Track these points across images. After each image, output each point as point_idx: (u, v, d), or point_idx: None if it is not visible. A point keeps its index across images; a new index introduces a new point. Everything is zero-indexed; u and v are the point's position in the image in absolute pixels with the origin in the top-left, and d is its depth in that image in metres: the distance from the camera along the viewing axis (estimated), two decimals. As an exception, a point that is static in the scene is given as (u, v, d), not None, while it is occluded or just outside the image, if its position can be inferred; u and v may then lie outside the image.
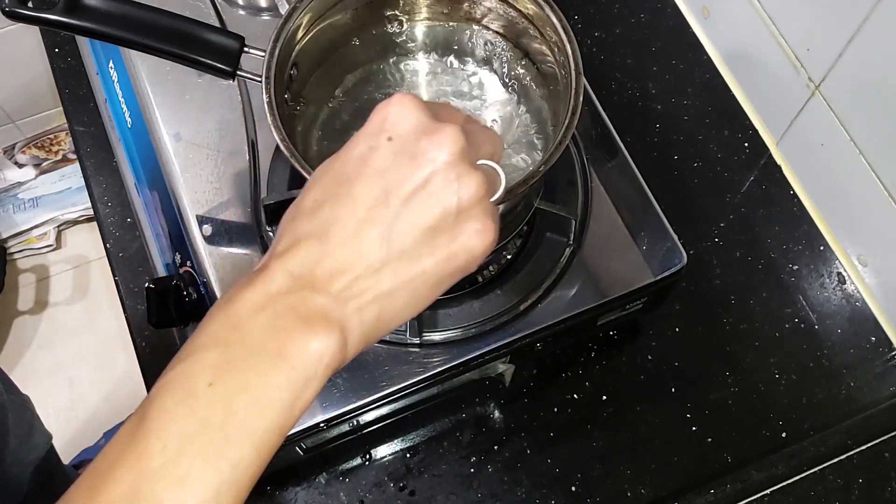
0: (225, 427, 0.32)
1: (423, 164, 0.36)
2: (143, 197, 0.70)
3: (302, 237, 0.36)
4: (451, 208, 0.36)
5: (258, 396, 0.33)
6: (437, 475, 0.68)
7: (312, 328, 0.34)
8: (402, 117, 0.37)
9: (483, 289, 0.62)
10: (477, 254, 0.37)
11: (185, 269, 0.64)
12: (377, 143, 0.36)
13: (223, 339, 0.34)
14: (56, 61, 0.85)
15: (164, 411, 0.33)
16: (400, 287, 0.36)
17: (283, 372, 0.33)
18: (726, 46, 0.83)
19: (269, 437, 0.33)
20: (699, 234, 0.77)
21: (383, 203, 0.35)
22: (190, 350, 0.34)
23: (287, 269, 0.35)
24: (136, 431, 0.33)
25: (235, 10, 0.72)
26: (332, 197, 0.36)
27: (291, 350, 0.34)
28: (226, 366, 0.33)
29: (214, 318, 0.35)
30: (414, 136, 0.36)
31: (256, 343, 0.34)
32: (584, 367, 0.72)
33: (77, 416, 1.45)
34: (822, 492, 0.67)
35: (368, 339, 0.37)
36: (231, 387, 0.33)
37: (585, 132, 0.67)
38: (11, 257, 1.57)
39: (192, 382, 0.33)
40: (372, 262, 0.35)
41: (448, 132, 0.36)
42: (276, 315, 0.34)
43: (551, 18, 0.54)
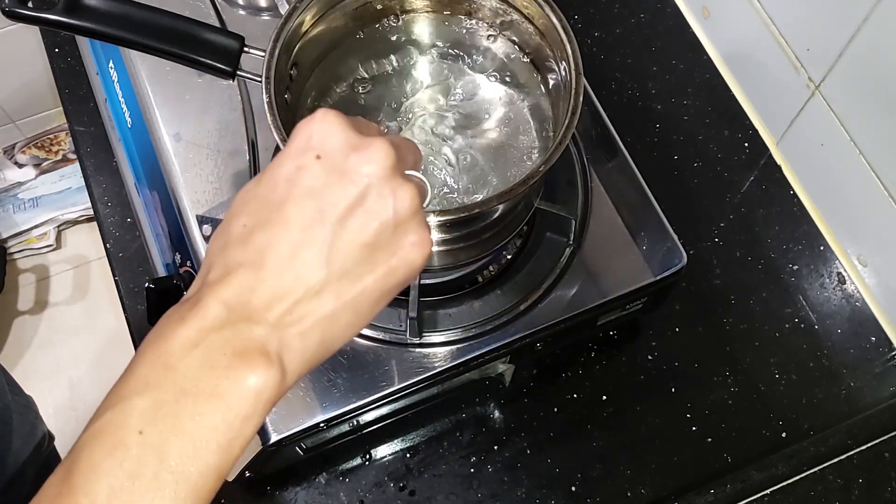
0: (157, 478, 0.31)
1: (355, 180, 0.35)
2: (143, 197, 0.70)
3: (234, 266, 0.34)
4: (389, 222, 0.35)
5: (193, 440, 0.32)
6: (437, 475, 0.68)
7: (249, 363, 0.33)
8: (328, 134, 0.36)
9: (483, 289, 0.62)
10: (416, 265, 0.37)
11: (185, 269, 0.64)
12: (304, 163, 0.35)
13: (154, 383, 0.32)
14: (56, 61, 0.85)
15: (92, 466, 0.31)
16: (342, 308, 0.35)
17: (219, 412, 0.32)
18: (726, 46, 0.83)
19: (205, 481, 0.32)
20: (699, 234, 0.77)
21: (318, 223, 0.34)
22: (119, 396, 0.33)
23: (221, 300, 0.34)
24: (62, 487, 0.31)
25: (235, 10, 0.72)
26: (262, 221, 0.35)
27: (227, 388, 0.32)
28: (157, 411, 0.32)
29: (144, 360, 0.33)
30: (343, 153, 0.35)
31: (189, 384, 0.32)
32: (584, 367, 0.72)
33: (77, 416, 1.45)
34: (822, 492, 0.67)
35: (310, 363, 0.35)
36: (163, 433, 0.31)
37: (585, 132, 0.67)
38: (11, 257, 1.57)
39: (122, 432, 0.31)
40: (312, 284, 0.34)
41: (377, 146, 0.35)
42: (211, 351, 0.33)
43: (551, 18, 0.54)
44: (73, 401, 1.47)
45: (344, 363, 0.59)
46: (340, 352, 0.60)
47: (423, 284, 0.61)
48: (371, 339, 0.60)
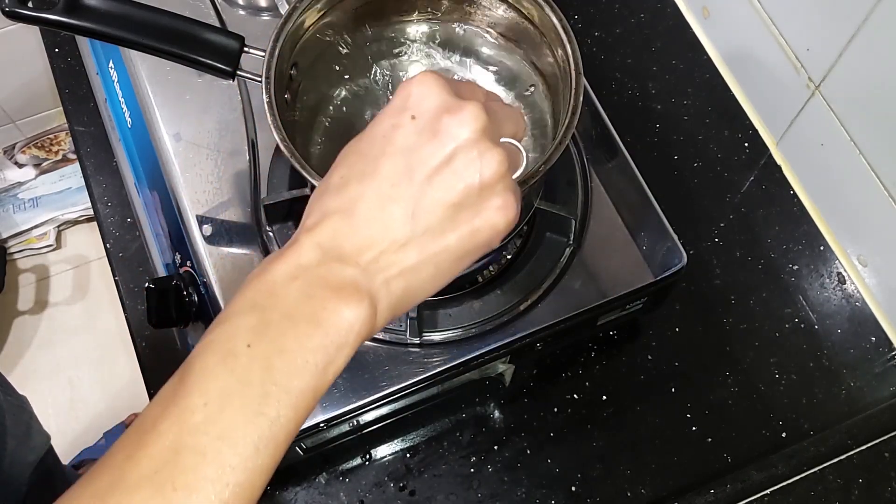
0: (263, 385, 0.34)
1: (445, 141, 0.37)
2: (143, 197, 0.70)
3: (329, 212, 0.37)
4: (474, 185, 0.37)
5: (294, 359, 0.34)
6: (437, 475, 0.68)
7: (343, 297, 0.35)
8: (424, 95, 0.38)
9: (483, 289, 0.62)
10: (500, 229, 0.38)
11: (185, 269, 0.64)
12: (400, 122, 0.37)
13: (260, 305, 0.35)
14: (56, 61, 0.85)
15: (205, 370, 0.34)
16: (425, 262, 0.37)
17: (317, 337, 0.35)
18: (726, 46, 0.83)
19: (304, 398, 0.35)
20: (699, 234, 0.77)
21: (408, 180, 0.36)
22: (228, 314, 0.35)
23: (316, 243, 0.36)
24: (178, 389, 0.34)
25: (235, 10, 0.72)
26: (357, 174, 0.37)
27: (324, 317, 0.35)
28: (263, 329, 0.34)
29: (250, 286, 0.36)
30: (436, 114, 0.37)
31: (291, 309, 0.35)
32: (584, 367, 0.72)
33: (77, 416, 1.45)
34: (822, 492, 0.67)
35: (396, 310, 0.38)
36: (268, 348, 0.34)
37: (585, 132, 0.67)
38: (11, 257, 1.57)
39: (232, 343, 0.34)
40: (397, 237, 0.36)
41: (470, 109, 0.37)
42: (309, 284, 0.35)
43: (551, 18, 0.54)
44: (73, 401, 1.47)
45: (344, 363, 0.59)
46: (340, 352, 0.59)
47: (423, 284, 0.61)
48: (371, 339, 0.60)
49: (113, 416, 1.40)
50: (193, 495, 0.32)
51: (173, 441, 0.33)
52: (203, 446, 0.33)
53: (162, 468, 0.32)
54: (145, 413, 0.35)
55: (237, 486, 0.33)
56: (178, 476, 0.32)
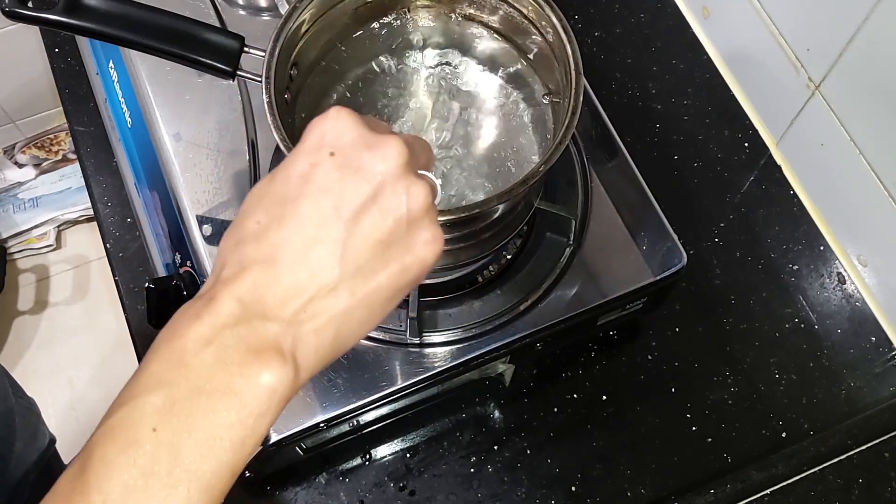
0: (171, 475, 0.31)
1: (369, 177, 0.35)
2: (143, 197, 0.70)
3: (248, 263, 0.34)
4: (403, 220, 0.35)
5: (206, 438, 0.32)
6: (437, 475, 0.68)
7: (263, 360, 0.33)
8: (341, 131, 0.36)
9: (483, 289, 0.62)
10: (429, 263, 0.37)
11: (185, 269, 0.64)
12: (318, 160, 0.35)
13: (167, 380, 0.32)
14: (56, 61, 0.85)
15: (106, 463, 0.31)
16: (356, 305, 0.35)
17: (233, 410, 0.32)
18: (726, 46, 0.83)
19: (218, 478, 0.32)
20: (699, 234, 0.77)
21: (333, 220, 0.34)
22: (132, 393, 0.33)
23: (235, 297, 0.33)
24: (76, 484, 0.31)
25: (235, 10, 0.72)
26: (276, 218, 0.35)
27: (241, 386, 0.32)
28: (170, 408, 0.32)
29: (158, 357, 0.33)
30: (356, 150, 0.35)
31: (203, 381, 0.32)
32: (584, 367, 0.72)
33: (77, 416, 1.45)
34: (822, 492, 0.67)
35: (324, 361, 0.35)
36: (176, 430, 0.31)
37: (585, 132, 0.67)
38: (11, 257, 1.57)
39: (135, 429, 0.31)
40: (326, 282, 0.34)
41: (392, 144, 0.36)
42: (225, 349, 0.33)
43: (551, 18, 0.54)
44: (73, 401, 1.47)
45: (344, 363, 0.59)
46: (340, 352, 0.60)
47: (423, 284, 0.61)
48: (371, 339, 0.60)
49: (113, 416, 1.40)
50: None
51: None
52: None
53: None
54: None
55: None
56: None
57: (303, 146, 0.36)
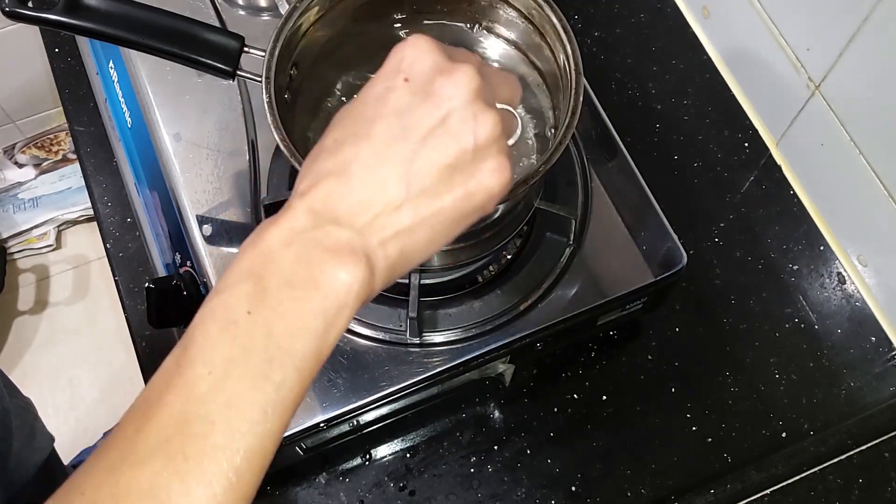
0: (266, 351, 0.34)
1: (439, 103, 0.37)
2: (143, 197, 0.70)
3: (323, 175, 0.37)
4: (468, 147, 0.37)
5: (294, 323, 0.34)
6: (437, 475, 0.68)
7: (340, 259, 0.35)
8: (417, 58, 0.38)
9: (483, 289, 0.62)
10: (494, 192, 0.38)
11: (185, 269, 0.64)
12: (394, 84, 0.37)
13: (257, 272, 0.35)
14: (56, 61, 0.85)
15: (207, 339, 0.34)
16: (420, 224, 0.37)
17: (316, 300, 0.35)
18: (726, 46, 0.83)
19: (307, 361, 0.35)
20: (699, 234, 0.77)
21: (401, 141, 0.36)
22: (226, 283, 0.35)
23: (310, 207, 0.36)
24: (181, 360, 0.34)
25: (235, 10, 0.72)
26: (351, 136, 0.37)
27: (322, 280, 0.35)
28: (262, 295, 0.34)
29: (245, 255, 0.36)
30: (430, 76, 0.37)
31: (288, 274, 0.35)
32: (584, 367, 0.72)
33: (77, 416, 1.45)
34: (822, 492, 0.67)
35: (393, 273, 0.37)
36: (268, 314, 0.34)
37: (585, 132, 0.67)
38: (11, 257, 1.57)
39: (232, 311, 0.34)
40: (391, 199, 0.36)
41: (463, 72, 0.37)
42: (304, 248, 0.35)
43: (551, 18, 0.54)
44: (73, 401, 1.47)
45: (344, 363, 0.59)
46: (340, 352, 0.60)
47: (423, 284, 0.61)
48: (371, 339, 0.60)
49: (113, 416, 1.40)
50: (205, 462, 0.32)
51: (181, 411, 0.33)
52: (211, 415, 0.33)
53: (172, 438, 0.32)
54: (150, 386, 0.35)
55: (248, 452, 0.33)
56: (188, 445, 0.32)
57: (382, 71, 0.38)
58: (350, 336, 0.60)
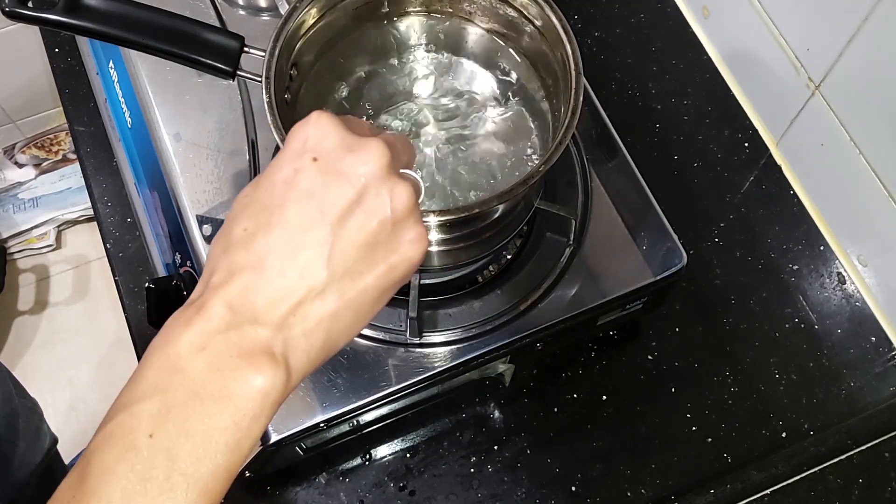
0: (169, 479, 0.32)
1: (352, 180, 0.36)
2: (143, 197, 0.70)
3: (237, 269, 0.35)
4: (387, 221, 0.36)
5: (202, 442, 0.32)
6: (437, 475, 0.68)
7: (255, 364, 0.33)
8: (323, 136, 0.36)
9: (483, 289, 0.62)
10: (415, 262, 0.37)
11: (185, 269, 0.64)
12: (301, 165, 0.36)
13: (162, 386, 0.33)
14: (56, 61, 0.85)
15: (105, 470, 0.32)
16: (344, 306, 0.36)
17: (227, 413, 0.33)
18: (726, 46, 0.83)
19: (216, 481, 0.33)
20: (699, 234, 0.77)
21: (318, 224, 0.35)
22: (129, 399, 0.33)
23: (225, 303, 0.34)
24: (76, 492, 0.32)
25: (235, 10, 0.72)
26: (263, 225, 0.35)
27: (235, 390, 0.33)
28: (166, 414, 0.32)
29: (151, 364, 0.34)
30: (339, 154, 0.36)
31: (197, 386, 0.33)
32: (584, 367, 0.72)
33: (77, 416, 1.45)
34: (822, 492, 0.67)
35: (315, 363, 0.36)
36: (172, 435, 0.32)
37: (585, 132, 0.67)
38: (11, 257, 1.57)
39: (132, 435, 0.32)
40: (314, 285, 0.35)
41: (373, 146, 0.36)
42: (217, 354, 0.33)
43: (551, 18, 0.54)
44: (74, 401, 1.47)
45: (344, 363, 0.59)
46: (340, 352, 0.59)
47: (423, 284, 0.61)
48: (371, 339, 0.60)
49: (113, 416, 1.40)
50: None
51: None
52: None
53: None
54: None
55: None
56: None
57: (285, 152, 0.37)
58: (350, 336, 0.60)
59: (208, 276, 0.36)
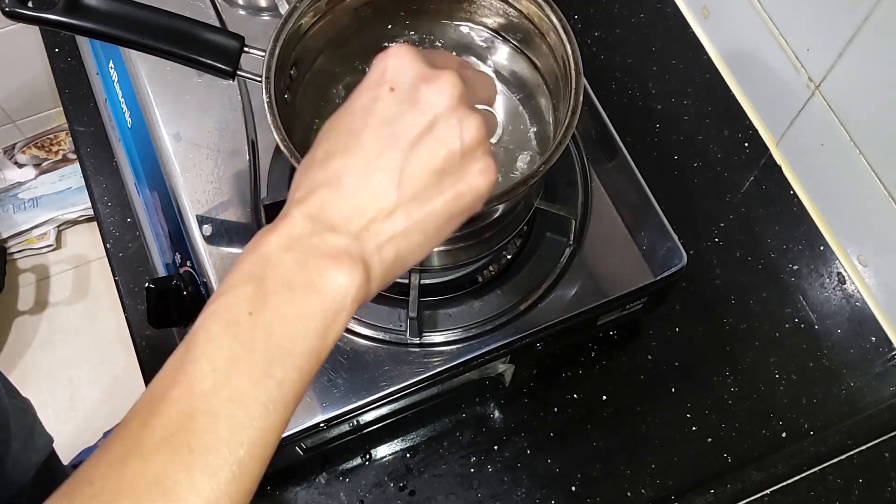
0: (267, 350, 0.35)
1: (425, 109, 0.38)
2: (143, 197, 0.70)
3: (316, 185, 0.38)
4: (456, 150, 0.38)
5: (294, 324, 0.35)
6: (437, 475, 0.68)
7: (337, 264, 0.36)
8: (401, 67, 0.39)
9: (483, 289, 0.62)
10: (482, 192, 0.39)
11: (185, 269, 0.64)
12: (379, 94, 0.39)
13: (257, 275, 0.36)
14: (56, 61, 0.85)
15: (210, 338, 0.35)
16: (413, 227, 0.38)
17: (315, 303, 0.36)
18: (726, 46, 0.83)
19: (306, 361, 0.36)
20: (699, 234, 0.77)
21: (390, 149, 0.38)
22: (227, 286, 0.36)
23: (307, 214, 0.37)
24: (185, 358, 0.35)
25: (235, 10, 0.72)
26: (341, 148, 0.38)
27: (320, 283, 0.36)
28: (263, 297, 0.35)
29: (246, 259, 0.37)
30: (414, 84, 0.38)
31: (287, 278, 0.36)
32: (584, 367, 0.72)
33: (77, 416, 1.45)
34: (822, 492, 0.67)
35: (388, 276, 0.39)
36: (269, 315, 0.35)
37: (585, 132, 0.67)
38: (11, 257, 1.57)
39: (234, 313, 0.35)
40: (384, 205, 0.37)
41: (446, 78, 0.38)
42: (303, 253, 0.36)
43: (551, 18, 0.54)
44: (73, 401, 1.47)
45: (344, 363, 0.59)
46: (340, 352, 0.60)
47: (423, 284, 0.61)
48: (371, 339, 0.60)
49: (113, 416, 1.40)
50: (209, 455, 0.33)
51: (186, 406, 0.34)
52: (215, 409, 0.34)
53: (177, 432, 0.33)
54: (155, 383, 0.35)
55: (251, 445, 0.34)
56: (193, 438, 0.33)
57: (366, 82, 0.40)
58: (350, 336, 0.60)
59: (292, 192, 0.39)
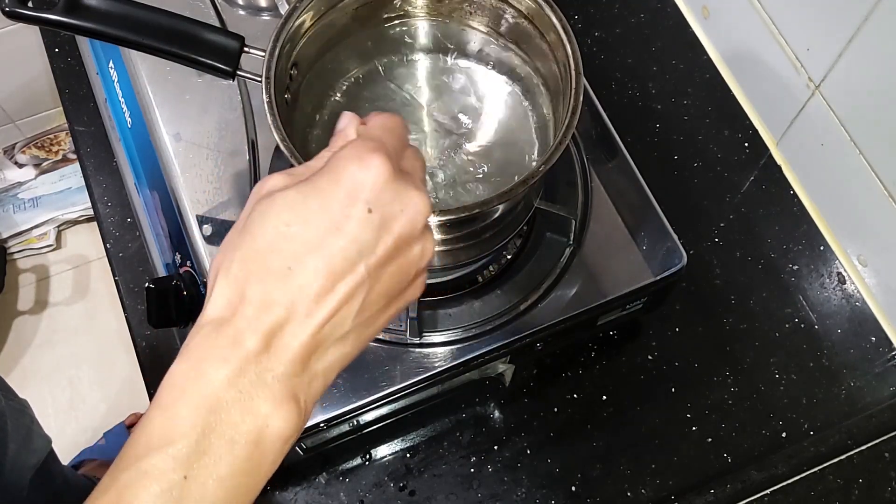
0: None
1: (397, 236, 0.36)
2: (143, 197, 0.70)
3: (274, 303, 0.34)
4: (415, 271, 0.38)
5: (229, 486, 0.33)
6: (437, 475, 0.68)
7: (285, 411, 0.34)
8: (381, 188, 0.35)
9: (483, 289, 0.62)
10: (413, 301, 0.40)
11: (185, 269, 0.64)
12: (353, 213, 0.35)
13: (199, 425, 0.33)
14: (56, 61, 0.85)
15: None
16: (356, 347, 0.37)
17: (254, 458, 0.33)
18: (726, 46, 0.83)
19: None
20: (699, 234, 0.77)
21: (361, 278, 0.35)
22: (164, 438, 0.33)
23: (263, 339, 0.34)
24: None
25: (235, 10, 0.72)
26: (306, 268, 0.34)
27: (264, 436, 0.33)
28: (200, 456, 0.33)
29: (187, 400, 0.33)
30: (392, 209, 0.36)
31: (232, 431, 0.33)
32: (584, 367, 0.72)
33: (77, 416, 1.45)
34: (822, 492, 0.67)
35: (316, 399, 0.37)
36: (204, 479, 0.33)
37: (585, 132, 0.67)
38: (11, 257, 1.57)
39: (168, 477, 0.32)
40: (342, 332, 0.36)
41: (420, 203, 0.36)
42: (251, 392, 0.33)
43: (551, 18, 0.54)
44: (73, 401, 1.47)
45: (344, 363, 0.59)
46: (340, 352, 0.60)
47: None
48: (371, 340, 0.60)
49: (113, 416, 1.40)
50: None
51: None
52: None
53: None
54: None
55: None
56: None
57: (338, 190, 0.35)
58: (350, 336, 0.60)
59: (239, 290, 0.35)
